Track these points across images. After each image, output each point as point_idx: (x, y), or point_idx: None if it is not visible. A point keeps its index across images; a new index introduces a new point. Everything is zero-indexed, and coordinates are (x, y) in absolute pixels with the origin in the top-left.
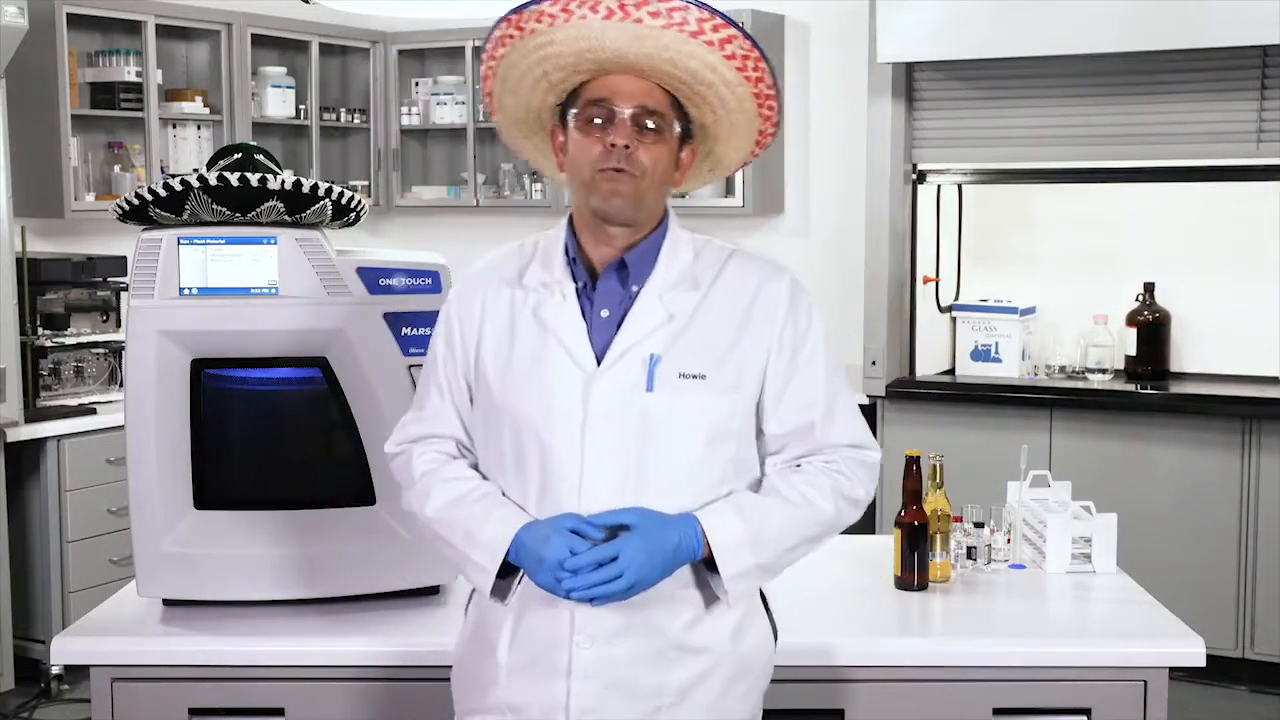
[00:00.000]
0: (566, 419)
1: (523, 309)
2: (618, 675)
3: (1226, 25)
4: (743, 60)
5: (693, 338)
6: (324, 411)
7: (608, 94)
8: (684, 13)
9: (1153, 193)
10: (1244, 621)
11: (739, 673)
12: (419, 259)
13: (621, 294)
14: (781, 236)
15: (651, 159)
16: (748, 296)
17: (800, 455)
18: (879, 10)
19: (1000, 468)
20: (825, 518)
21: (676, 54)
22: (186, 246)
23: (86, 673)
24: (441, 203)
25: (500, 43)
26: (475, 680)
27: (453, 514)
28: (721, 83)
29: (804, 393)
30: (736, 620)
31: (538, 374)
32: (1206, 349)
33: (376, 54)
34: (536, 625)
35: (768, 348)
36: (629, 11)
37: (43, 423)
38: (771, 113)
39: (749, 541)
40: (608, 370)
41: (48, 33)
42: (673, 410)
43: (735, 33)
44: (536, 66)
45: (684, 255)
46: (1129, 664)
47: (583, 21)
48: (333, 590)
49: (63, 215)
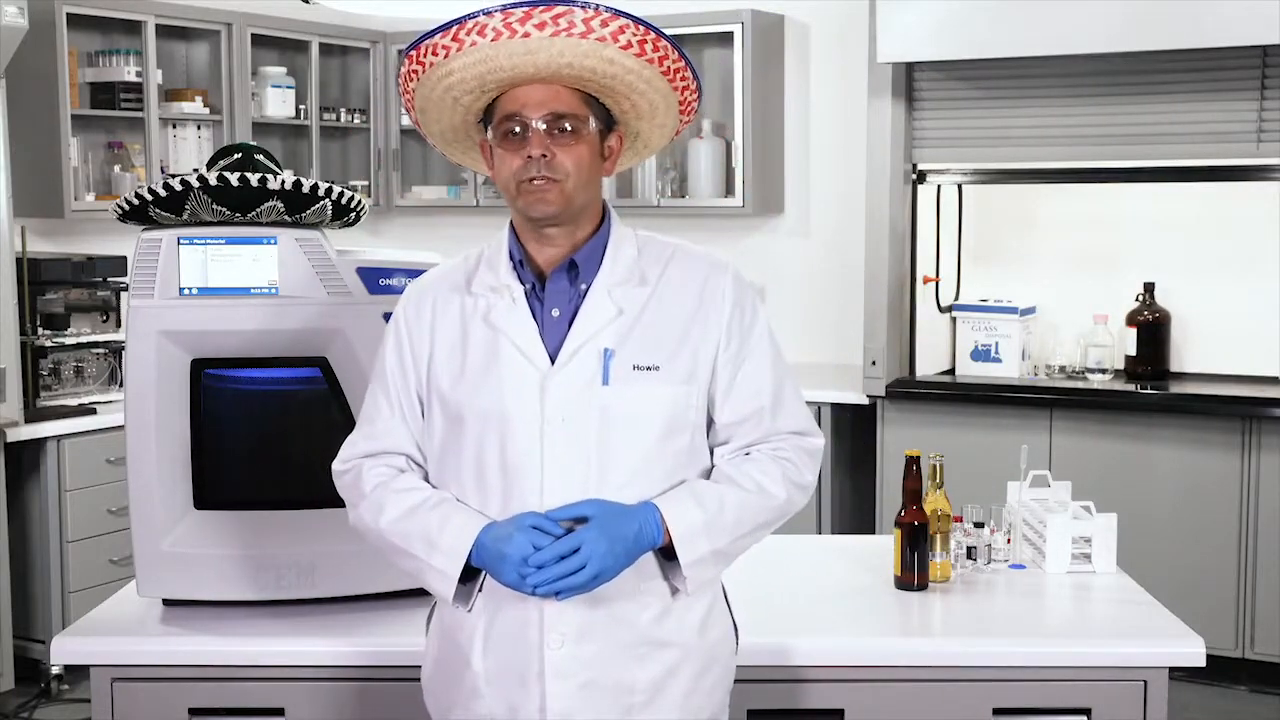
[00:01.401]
0: (525, 419)
1: (473, 315)
2: (590, 675)
3: (1226, 25)
4: (639, 45)
5: (644, 331)
6: (324, 411)
7: (517, 107)
8: (569, 17)
9: (1153, 193)
10: (1244, 621)
11: (705, 666)
12: (419, 259)
13: (571, 292)
14: (781, 236)
15: (573, 160)
16: (694, 290)
17: (749, 443)
18: (879, 10)
19: (1000, 468)
20: (778, 504)
21: (572, 58)
22: (186, 246)
23: (86, 673)
24: (441, 203)
25: (408, 78)
26: (454, 692)
27: (409, 524)
28: (625, 72)
29: (753, 381)
30: (703, 612)
31: (493, 377)
32: (1206, 349)
33: (376, 54)
34: (507, 630)
35: (716, 339)
36: (515, 29)
37: (43, 423)
38: (687, 81)
39: (706, 528)
40: (562, 367)
41: (48, 33)
42: (629, 402)
43: (625, 21)
44: (445, 95)
45: (628, 251)
46: (1129, 664)
47: (474, 47)
48: (332, 590)
49: (63, 215)
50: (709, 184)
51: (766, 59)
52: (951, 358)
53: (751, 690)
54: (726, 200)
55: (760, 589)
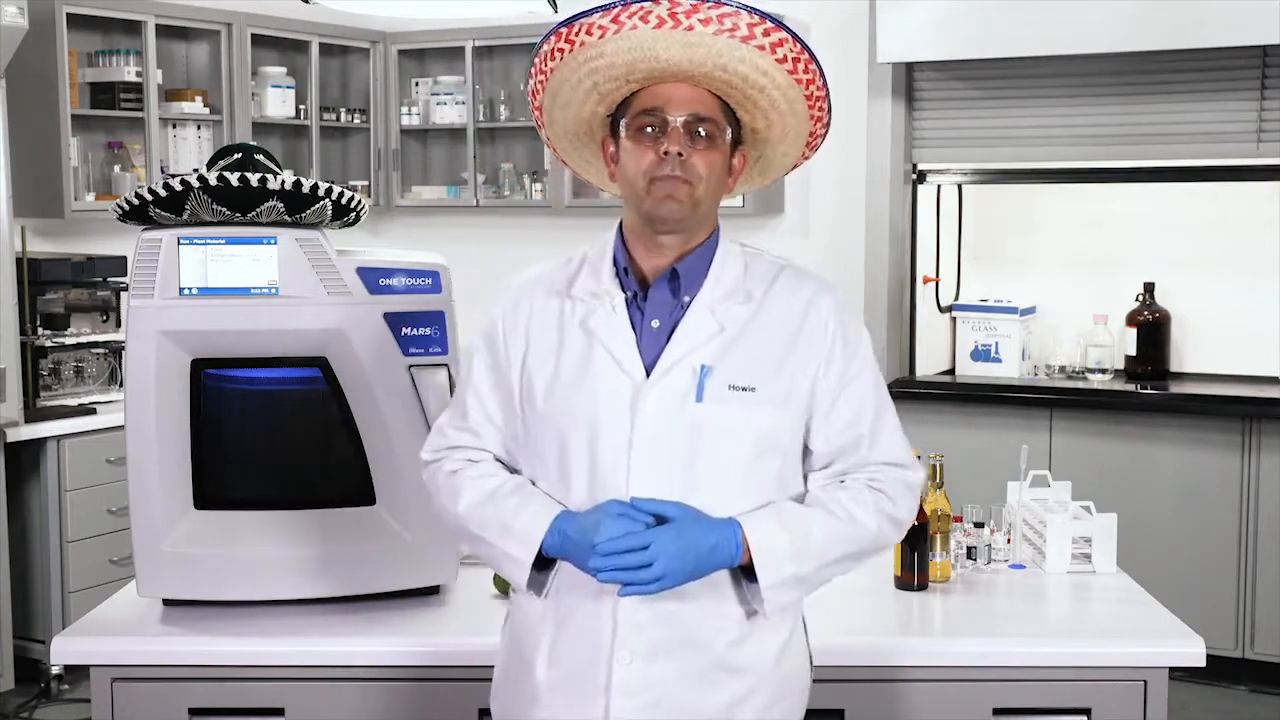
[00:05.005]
0: (614, 430)
1: (571, 319)
2: (657, 695)
3: (1226, 25)
4: (793, 63)
5: (744, 350)
6: (324, 411)
7: (660, 103)
8: (735, 18)
9: (1153, 193)
10: (1244, 621)
11: (777, 697)
12: (419, 259)
13: (672, 304)
14: (781, 236)
15: (706, 166)
16: (798, 312)
17: (844, 471)
18: (879, 10)
19: (1000, 468)
20: (868, 535)
21: (729, 60)
22: (186, 246)
23: (86, 673)
24: (441, 203)
25: (550, 56)
26: (514, 699)
27: (485, 510)
28: (773, 86)
29: (851, 409)
30: (782, 641)
31: (586, 384)
32: (1206, 349)
33: (376, 54)
34: (576, 641)
35: (817, 363)
36: (680, 20)
37: (43, 423)
38: (822, 114)
39: (790, 551)
40: (658, 381)
41: (48, 33)
42: (722, 422)
43: (786, 35)
44: (587, 79)
45: (735, 267)
46: (1129, 664)
47: (634, 32)
48: (333, 590)
49: (63, 215)
50: None
51: None
52: (951, 358)
53: None
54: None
55: None
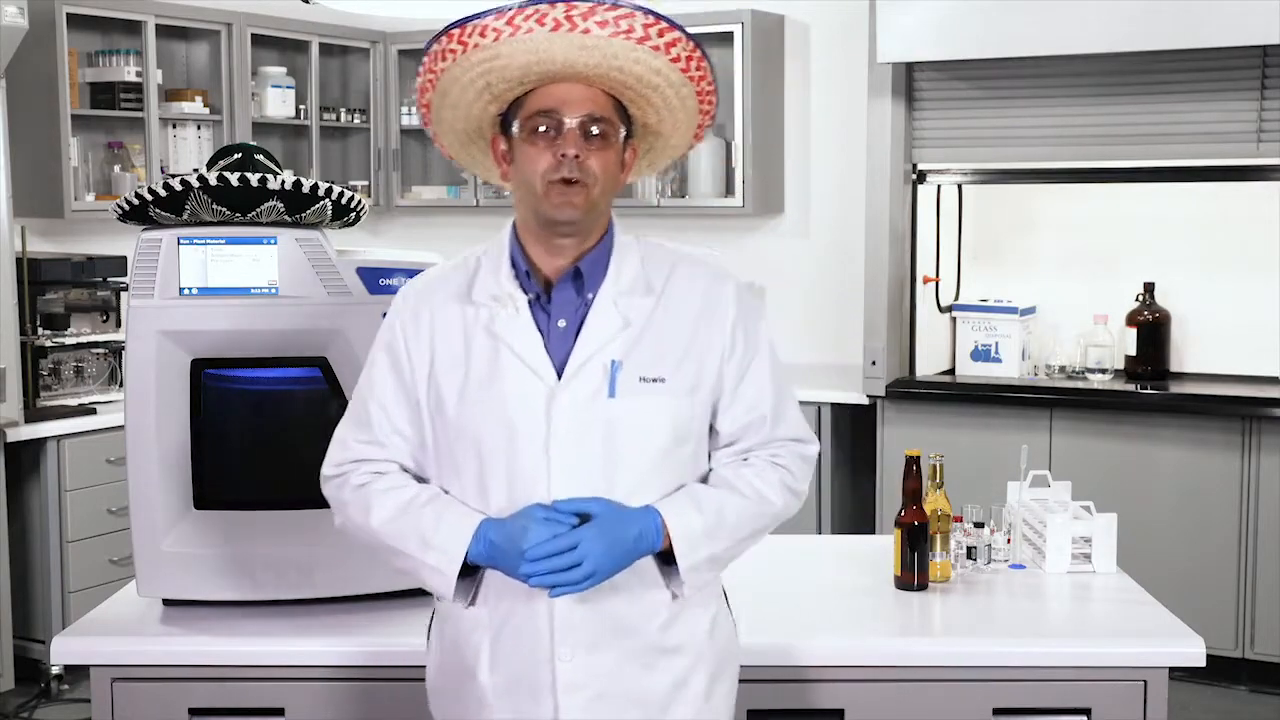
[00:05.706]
0: (531, 433)
1: (475, 325)
2: (602, 686)
3: (1226, 25)
4: (686, 61)
5: (650, 342)
6: (324, 411)
7: (554, 104)
8: (630, 20)
9: (1153, 193)
10: (1244, 621)
11: (719, 670)
12: (419, 259)
13: (577, 302)
14: (781, 236)
15: (601, 166)
16: (698, 299)
17: (748, 449)
18: (879, 10)
19: (1000, 468)
20: (774, 510)
21: (625, 61)
22: (186, 246)
23: (86, 673)
24: (441, 203)
25: (441, 56)
26: (458, 701)
27: (401, 523)
28: (666, 84)
29: (754, 390)
30: (710, 617)
31: (497, 390)
32: (1206, 349)
33: (376, 54)
34: (516, 643)
35: (720, 348)
36: (576, 23)
37: (43, 423)
38: (710, 105)
39: (705, 534)
40: (570, 381)
41: (48, 33)
42: (636, 415)
43: (679, 35)
44: (480, 79)
45: (633, 261)
46: (1129, 664)
47: (529, 35)
48: (332, 590)
49: (63, 215)
50: (709, 184)
51: (766, 59)
52: (951, 358)
53: (752, 690)
54: (726, 200)
55: (761, 589)
